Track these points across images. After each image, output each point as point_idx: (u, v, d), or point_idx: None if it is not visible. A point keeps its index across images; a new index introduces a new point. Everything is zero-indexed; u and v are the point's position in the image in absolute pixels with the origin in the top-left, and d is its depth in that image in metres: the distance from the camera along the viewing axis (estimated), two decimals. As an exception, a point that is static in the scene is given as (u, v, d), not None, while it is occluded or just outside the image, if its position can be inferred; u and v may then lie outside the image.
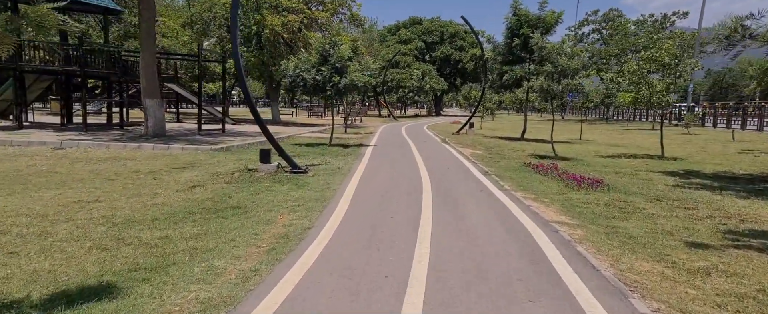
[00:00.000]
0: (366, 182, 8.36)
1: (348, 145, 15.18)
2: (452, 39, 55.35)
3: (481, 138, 20.04)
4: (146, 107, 14.13)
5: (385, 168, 10.18)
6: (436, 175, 9.31)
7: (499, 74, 19.80)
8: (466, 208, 6.45)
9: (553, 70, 12.18)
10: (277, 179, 8.29)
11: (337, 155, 12.38)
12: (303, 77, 13.93)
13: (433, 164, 11.07)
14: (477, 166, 10.92)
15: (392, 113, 44.61)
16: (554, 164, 10.76)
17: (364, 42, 48.29)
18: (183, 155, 10.92)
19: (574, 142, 19.45)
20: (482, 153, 13.85)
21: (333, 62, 13.98)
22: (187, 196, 6.87)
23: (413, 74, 48.24)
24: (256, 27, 22.32)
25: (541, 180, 8.92)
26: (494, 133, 24.84)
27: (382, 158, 11.93)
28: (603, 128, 30.97)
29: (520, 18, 18.04)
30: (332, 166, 10.17)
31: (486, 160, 12.11)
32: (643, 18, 36.24)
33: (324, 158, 11.61)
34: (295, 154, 12.05)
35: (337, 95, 14.36)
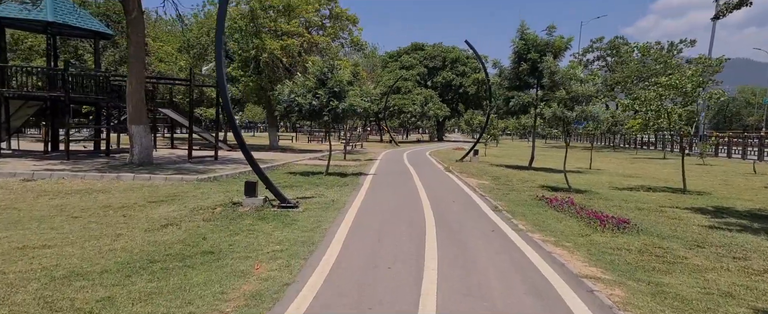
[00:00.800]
0: (361, 219, 7.44)
1: (346, 174, 14.30)
2: (454, 64, 55.18)
3: (486, 166, 19.15)
4: (132, 133, 13.34)
5: (383, 201, 9.26)
6: (441, 211, 8.38)
7: (505, 100, 19.05)
8: (477, 255, 5.50)
9: (566, 96, 11.38)
10: (263, 216, 7.38)
11: (333, 185, 11.49)
12: (298, 102, 13.18)
13: (437, 196, 10.15)
14: (485, 199, 9.99)
15: (393, 138, 43.90)
16: (570, 198, 9.83)
17: (365, 67, 48.11)
18: (164, 187, 10.04)
19: (585, 171, 18.53)
20: (489, 184, 12.94)
21: (331, 86, 13.26)
22: (155, 237, 5.95)
23: (415, 100, 47.78)
24: (255, 51, 21.80)
25: (558, 218, 7.97)
26: (500, 160, 23.96)
27: (381, 189, 11.03)
28: (612, 157, 30.07)
29: (528, 42, 17.41)
30: (326, 199, 9.26)
31: (494, 192, 11.19)
32: (648, 44, 35.77)
33: (318, 189, 10.71)
34: (288, 185, 11.16)
35: (335, 121, 13.57)
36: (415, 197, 9.90)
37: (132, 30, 12.97)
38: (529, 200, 10.00)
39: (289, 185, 11.02)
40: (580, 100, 11.31)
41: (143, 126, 13.52)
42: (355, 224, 7.00)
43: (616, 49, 40.14)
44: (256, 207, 7.90)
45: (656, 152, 36.21)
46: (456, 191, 11.32)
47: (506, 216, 8.03)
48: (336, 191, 10.49)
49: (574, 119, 11.25)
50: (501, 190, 11.60)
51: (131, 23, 12.95)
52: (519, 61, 18.02)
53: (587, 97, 11.35)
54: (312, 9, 23.72)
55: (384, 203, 9.05)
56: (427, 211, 8.30)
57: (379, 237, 6.29)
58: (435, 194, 10.56)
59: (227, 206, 8.04)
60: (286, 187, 10.70)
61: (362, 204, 8.85)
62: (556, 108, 11.31)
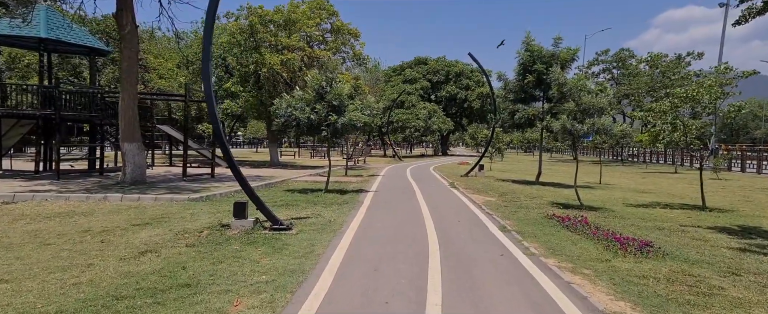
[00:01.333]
0: (359, 243, 6.84)
1: (346, 191, 13.72)
2: (458, 78, 54.87)
3: (492, 182, 18.52)
4: (124, 151, 12.88)
5: (384, 222, 8.66)
6: (445, 232, 7.77)
7: (510, 113, 18.52)
8: (486, 287, 4.89)
9: (576, 109, 10.82)
10: (252, 240, 6.80)
11: (331, 203, 10.91)
12: (296, 116, 12.68)
13: (441, 215, 9.54)
14: (492, 218, 9.37)
15: (397, 153, 43.36)
16: (583, 216, 9.20)
17: (368, 82, 47.84)
18: (153, 208, 9.50)
19: (595, 186, 17.86)
20: (496, 201, 12.32)
21: (329, 99, 12.77)
22: (129, 267, 5.39)
23: (419, 114, 47.36)
24: (254, 66, 21.45)
25: (572, 239, 7.34)
26: (506, 175, 23.32)
27: (382, 209, 10.43)
28: (621, 171, 29.36)
29: (533, 54, 16.94)
30: (323, 219, 8.68)
31: (502, 210, 10.57)
32: (659, 54, 35.12)
33: (315, 208, 10.13)
34: (284, 203, 10.59)
35: (335, 136, 13.04)
36: (417, 217, 9.30)
37: (125, 45, 12.59)
38: (540, 219, 9.37)
39: (285, 204, 10.46)
40: (591, 112, 10.74)
41: (136, 144, 13.06)
42: (351, 250, 6.41)
43: (622, 61, 39.60)
44: (245, 230, 7.33)
45: (666, 166, 35.44)
46: (461, 209, 10.71)
47: (516, 238, 7.41)
48: (334, 210, 9.91)
49: (585, 132, 10.67)
50: (508, 207, 10.98)
51: (124, 38, 12.58)
52: (524, 73, 17.53)
53: (598, 109, 10.79)
54: (313, 23, 23.44)
55: (384, 224, 8.45)
56: (431, 232, 7.69)
57: (377, 264, 5.69)
58: (439, 212, 9.95)
59: (215, 228, 7.47)
60: (282, 206, 10.13)
61: (361, 225, 8.25)
62: (566, 121, 10.75)
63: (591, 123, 10.57)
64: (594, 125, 10.57)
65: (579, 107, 10.88)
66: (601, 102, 10.69)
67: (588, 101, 10.71)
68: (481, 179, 19.96)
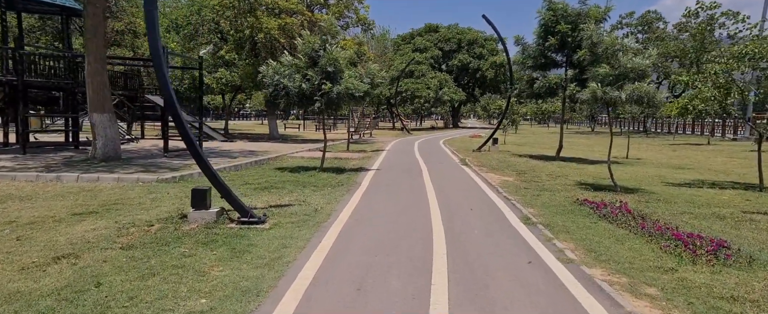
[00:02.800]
0: (345, 244, 5.37)
1: (344, 169, 12.23)
2: (471, 46, 52.38)
3: (507, 157, 16.89)
4: (93, 123, 11.46)
5: (381, 212, 7.17)
6: (455, 226, 6.26)
7: (529, 81, 16.69)
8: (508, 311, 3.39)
9: (612, 73, 9.05)
10: (210, 237, 5.36)
11: (324, 185, 9.44)
12: (284, 85, 11.09)
13: (451, 201, 8.01)
14: (511, 204, 7.83)
15: (406, 126, 41.65)
16: (622, 202, 7.60)
17: (376, 51, 45.71)
18: (110, 191, 8.09)
19: (623, 162, 16.14)
20: (514, 181, 10.74)
21: (323, 65, 11.13)
22: (23, 283, 3.98)
23: (429, 84, 45.34)
24: (250, 31, 19.70)
25: (616, 235, 5.79)
26: (522, 150, 21.64)
27: (381, 193, 8.93)
28: (647, 143, 27.37)
29: (557, 13, 14.96)
30: (307, 208, 7.21)
31: (522, 193, 9.01)
32: (688, 12, 32.07)
33: (303, 191, 8.66)
34: (268, 185, 9.13)
35: (330, 107, 11.45)
36: (421, 204, 7.78)
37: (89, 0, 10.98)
38: (568, 205, 7.80)
39: (267, 187, 9.00)
40: (631, 77, 8.97)
41: (108, 114, 11.61)
42: (331, 255, 4.93)
43: (649, 24, 36.90)
44: (206, 224, 5.88)
45: (696, 137, 33.22)
46: (474, 192, 9.17)
47: (544, 234, 5.87)
48: (325, 194, 8.43)
49: (624, 100, 8.93)
50: (530, 190, 9.40)
51: (88, -8, 10.95)
52: (545, 35, 15.58)
53: (639, 73, 9.00)
54: (313, -16, 21.49)
55: (380, 215, 6.96)
56: (437, 226, 6.18)
57: (362, 280, 4.21)
58: (448, 197, 8.42)
59: (171, 221, 6.04)
60: (263, 189, 8.68)
61: (352, 216, 6.76)
62: (597, 87, 8.99)
63: (631, 90, 8.82)
64: (634, 92, 8.82)
65: (616, 70, 9.10)
66: (643, 64, 8.89)
67: (628, 64, 8.92)
68: (495, 154, 18.33)
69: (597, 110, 53.42)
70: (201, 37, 21.03)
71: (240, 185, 9.07)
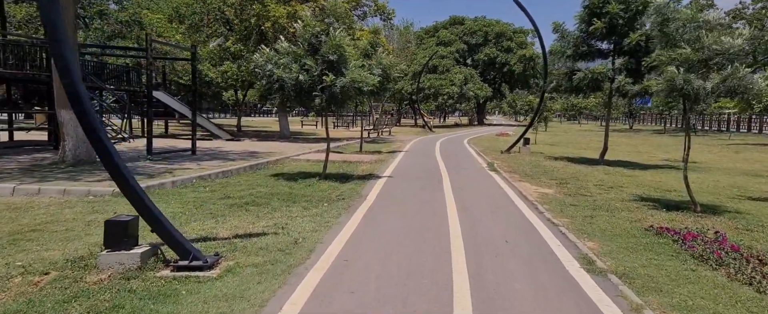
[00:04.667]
0: (321, 306, 3.51)
1: (350, 176, 10.39)
2: (498, 40, 49.79)
3: (542, 161, 14.75)
4: (61, 122, 9.95)
5: (384, 245, 5.28)
6: (487, 274, 4.33)
7: (567, 73, 14.47)
8: None
9: (694, 58, 6.90)
10: (116, 301, 3.58)
11: (319, 200, 7.62)
12: (278, 76, 9.30)
13: (479, 228, 6.07)
14: (560, 233, 5.83)
15: (428, 123, 39.55)
16: (719, 233, 5.52)
17: (397, 44, 43.70)
18: (42, 209, 6.44)
19: (681, 166, 13.78)
20: (556, 194, 8.70)
21: (325, 53, 9.29)
22: None
23: (454, 79, 43.08)
24: (256, 20, 18.04)
25: (737, 296, 3.75)
26: (556, 150, 19.39)
27: (388, 212, 7.04)
28: (700, 143, 24.48)
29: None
30: (286, 237, 5.38)
31: (569, 213, 6.98)
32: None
33: (291, 210, 6.85)
34: (246, 201, 7.33)
35: (332, 104, 9.60)
36: (439, 233, 5.85)
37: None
38: (639, 234, 5.77)
39: (248, 202, 7.22)
40: (721, 62, 6.80)
41: (79, 113, 10.05)
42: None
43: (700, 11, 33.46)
44: (125, 270, 4.10)
45: (753, 135, 29.91)
46: (507, 211, 7.18)
47: (624, 295, 3.88)
48: (316, 215, 6.59)
49: (709, 92, 6.78)
50: (579, 208, 7.36)
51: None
52: (590, 19, 13.35)
53: (731, 57, 6.82)
54: (326, -31, 19.67)
55: (381, 251, 5.07)
56: (460, 278, 4.26)
57: None
58: (474, 221, 6.47)
59: (80, 264, 4.28)
60: (240, 207, 6.90)
61: (341, 255, 4.90)
62: (677, 73, 6.84)
63: (721, 78, 6.66)
64: (726, 82, 6.65)
65: (698, 54, 6.93)
66: (738, 46, 6.71)
67: (714, 45, 6.76)
68: (527, 156, 16.19)
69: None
70: (207, 28, 19.51)
71: (216, 200, 7.34)
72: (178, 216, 6.15)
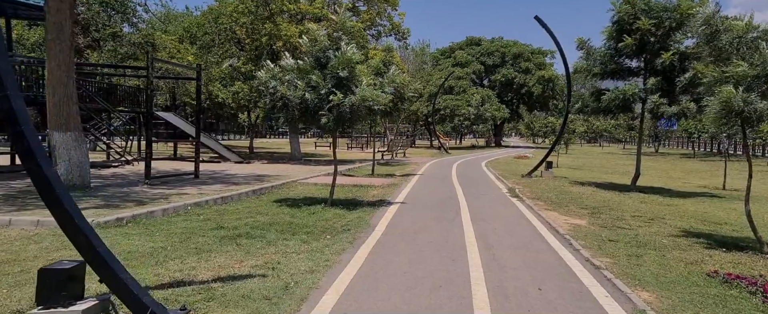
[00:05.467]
0: None
1: (359, 203, 9.54)
2: (516, 60, 49.04)
3: (567, 186, 13.70)
4: (54, 144, 9.36)
5: (391, 295, 4.39)
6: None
7: (594, 93, 13.54)
8: None
9: (751, 74, 5.95)
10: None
11: (322, 231, 6.77)
12: (282, 94, 8.60)
13: (504, 270, 5.13)
14: (604, 278, 4.86)
15: (443, 144, 38.64)
16: (805, 286, 4.48)
17: (414, 64, 43.25)
18: (5, 245, 5.71)
19: (723, 194, 12.61)
20: (589, 226, 7.69)
21: (333, 69, 8.59)
22: None
23: (471, 100, 42.28)
24: (267, 38, 17.62)
25: None
26: (580, 175, 18.28)
27: (398, 248, 6.14)
28: (733, 168, 23.02)
29: (636, 6, 11.86)
30: (276, 281, 4.53)
31: (609, 250, 5.98)
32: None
33: (288, 244, 6.00)
34: (244, 232, 6.50)
35: (340, 124, 8.82)
36: (458, 277, 4.93)
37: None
38: (703, 283, 4.76)
39: (241, 234, 6.41)
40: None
41: (73, 134, 9.51)
42: None
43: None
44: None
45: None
46: (536, 248, 6.21)
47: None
48: (315, 250, 5.73)
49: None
50: (621, 245, 6.35)
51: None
52: (619, 35, 12.47)
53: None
54: (340, -13, 19.32)
55: (391, 301, 4.18)
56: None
57: None
58: (498, 261, 5.53)
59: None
60: (231, 240, 6.08)
61: (340, 305, 4.02)
62: (735, 94, 5.89)
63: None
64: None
65: (758, 68, 5.99)
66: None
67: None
68: (550, 181, 15.14)
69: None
70: (217, 48, 19.17)
71: (207, 231, 6.55)
72: (157, 253, 5.36)
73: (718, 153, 34.17)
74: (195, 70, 12.27)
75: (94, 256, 3.32)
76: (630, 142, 59.41)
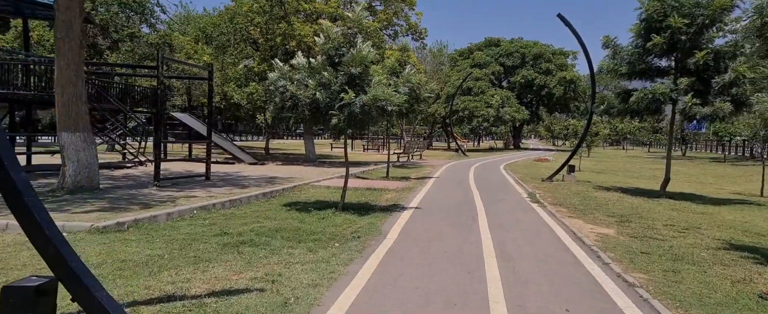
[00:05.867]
0: None
1: (371, 207, 9.14)
2: (536, 61, 48.05)
3: (591, 191, 13.05)
4: (62, 144, 9.21)
5: (400, 307, 3.96)
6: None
7: (621, 94, 12.89)
8: None
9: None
10: None
11: (330, 238, 6.39)
12: (292, 94, 8.27)
13: (526, 287, 4.66)
14: (638, 296, 4.36)
15: (461, 147, 38.00)
16: None
17: (431, 65, 42.75)
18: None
19: (761, 202, 11.82)
20: (617, 236, 7.13)
21: (347, 63, 8.22)
22: None
23: (490, 101, 41.53)
24: (281, 38, 17.38)
25: None
26: (604, 180, 17.54)
27: (410, 258, 5.72)
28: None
29: (665, 2, 11.20)
30: (275, 297, 4.16)
31: (644, 266, 5.44)
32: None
33: (293, 252, 5.63)
34: (248, 238, 6.16)
35: (352, 125, 8.42)
36: (475, 295, 4.48)
37: (60, -7, 8.83)
38: (755, 307, 4.21)
39: (244, 241, 6.06)
40: None
41: (82, 134, 9.34)
42: None
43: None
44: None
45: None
46: (562, 261, 5.71)
47: None
48: (321, 260, 5.35)
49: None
50: (655, 259, 5.80)
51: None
52: (647, 33, 11.80)
53: None
54: (356, -13, 18.99)
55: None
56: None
57: None
58: (520, 275, 5.06)
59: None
60: (234, 247, 5.74)
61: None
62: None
63: None
64: None
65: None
66: None
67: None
68: (573, 186, 14.49)
69: (687, 130, 46.61)
70: (233, 48, 19.04)
71: (210, 238, 6.23)
72: (153, 261, 5.04)
73: (750, 157, 32.73)
74: (207, 70, 12.04)
75: (67, 271, 2.98)
76: (655, 145, 57.70)
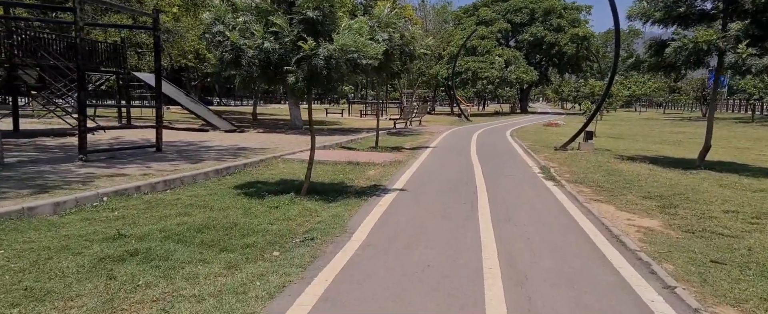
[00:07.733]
0: None
1: (344, 190, 7.25)
2: (547, 17, 44.93)
3: (614, 163, 11.09)
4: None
5: None
6: None
7: (654, 45, 10.69)
8: None
9: None
10: None
11: (269, 244, 4.53)
12: (233, 44, 6.23)
13: None
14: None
15: (464, 111, 35.76)
16: None
17: (433, 24, 39.93)
18: None
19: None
20: (667, 231, 5.23)
21: (302, 7, 6.14)
22: None
23: (495, 62, 38.92)
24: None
25: None
26: (624, 146, 15.53)
27: (378, 276, 3.84)
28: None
29: None
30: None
31: (723, 285, 3.56)
32: None
33: (195, 273, 3.77)
34: (148, 244, 4.27)
35: (313, 83, 6.39)
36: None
37: None
38: None
39: (127, 255, 4.19)
40: None
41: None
42: None
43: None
44: None
45: None
46: (596, 278, 3.82)
47: None
48: (234, 287, 3.49)
49: None
50: (734, 274, 3.91)
51: None
52: (692, -34, 9.50)
53: None
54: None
55: None
56: None
57: None
58: (535, 310, 3.18)
59: None
60: (113, 261, 3.87)
61: None
62: None
63: None
64: None
65: None
66: None
67: None
68: (591, 155, 12.50)
69: (710, 89, 43.63)
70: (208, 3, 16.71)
71: (93, 243, 4.38)
72: None
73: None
74: (152, 17, 9.92)
75: None
76: (671, 106, 55.03)
